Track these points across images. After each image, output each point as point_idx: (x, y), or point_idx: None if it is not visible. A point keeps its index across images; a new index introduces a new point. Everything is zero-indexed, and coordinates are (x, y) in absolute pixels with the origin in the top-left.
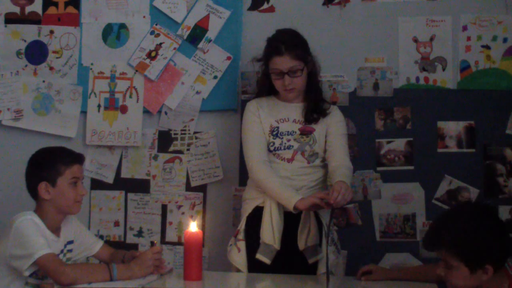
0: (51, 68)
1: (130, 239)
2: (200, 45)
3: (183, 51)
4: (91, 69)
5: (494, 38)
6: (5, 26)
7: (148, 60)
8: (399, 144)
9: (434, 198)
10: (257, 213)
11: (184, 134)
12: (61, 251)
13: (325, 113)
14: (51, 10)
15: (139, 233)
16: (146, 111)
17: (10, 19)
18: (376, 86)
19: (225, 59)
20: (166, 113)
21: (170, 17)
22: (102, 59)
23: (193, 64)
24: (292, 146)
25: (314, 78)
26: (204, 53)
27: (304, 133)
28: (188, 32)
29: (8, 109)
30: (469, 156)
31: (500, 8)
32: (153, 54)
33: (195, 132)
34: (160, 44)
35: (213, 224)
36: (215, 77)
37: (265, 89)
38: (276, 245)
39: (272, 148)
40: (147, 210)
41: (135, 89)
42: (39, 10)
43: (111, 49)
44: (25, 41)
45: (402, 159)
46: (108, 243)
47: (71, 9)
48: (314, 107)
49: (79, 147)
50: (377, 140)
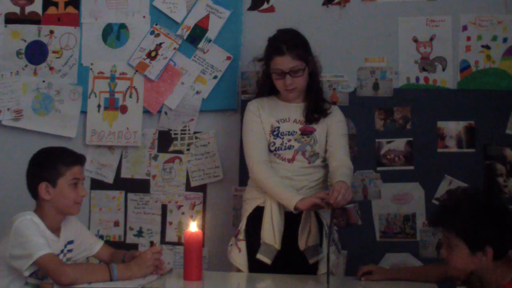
0: (51, 68)
1: (130, 239)
2: (200, 45)
3: (183, 51)
4: (91, 69)
5: (494, 38)
6: (5, 26)
7: (148, 60)
8: (399, 144)
9: (434, 198)
10: (258, 213)
11: (184, 134)
12: (61, 251)
13: (326, 113)
14: (51, 10)
15: (139, 233)
16: (146, 111)
17: (10, 19)
18: (376, 86)
19: (225, 59)
20: (166, 113)
21: (170, 17)
22: (102, 59)
23: (193, 64)
24: (293, 146)
25: (315, 78)
26: (204, 53)
27: (305, 133)
28: (188, 32)
29: (8, 109)
30: (469, 156)
31: (500, 8)
32: (153, 54)
33: (195, 132)
34: (160, 44)
35: (213, 224)
36: (215, 77)
37: (266, 89)
38: (277, 245)
39: (273, 148)
40: (147, 210)
41: (135, 89)
42: (39, 10)
43: (111, 49)
44: (25, 41)
45: (402, 159)
46: (108, 243)
47: (71, 9)
48: (315, 107)
49: (79, 147)
50: (377, 140)
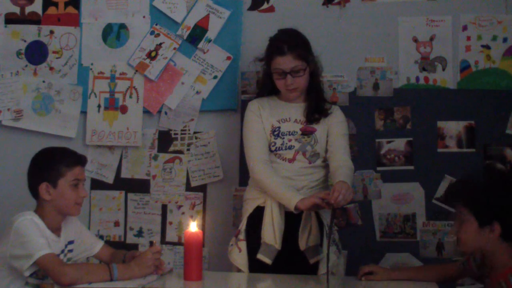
0: (51, 68)
1: (130, 239)
2: (200, 45)
3: (183, 51)
4: (91, 69)
5: (494, 38)
6: (5, 26)
7: (148, 60)
8: (399, 144)
9: (434, 198)
10: (258, 213)
11: (184, 134)
12: (62, 251)
13: (327, 113)
14: (51, 10)
15: (139, 233)
16: (146, 111)
17: (10, 19)
18: (376, 86)
19: (225, 59)
20: (166, 113)
21: (170, 17)
22: (102, 59)
23: (193, 64)
24: (294, 146)
25: (316, 78)
26: (204, 53)
27: (306, 133)
28: (188, 32)
29: (8, 109)
30: (469, 156)
31: (500, 8)
32: (153, 54)
33: (195, 132)
34: (160, 44)
35: (213, 224)
36: (215, 77)
37: (267, 89)
38: (277, 245)
39: (274, 148)
40: (147, 210)
41: (135, 89)
42: (39, 10)
43: (111, 49)
44: (25, 41)
45: (402, 159)
46: (108, 243)
47: (71, 9)
48: (316, 107)
49: (79, 147)
50: (377, 140)
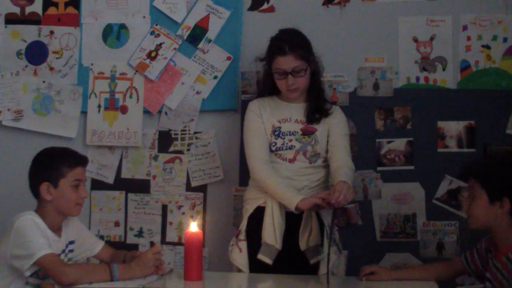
0: (51, 69)
1: (131, 239)
2: (200, 45)
3: (183, 51)
4: (91, 70)
5: (494, 38)
6: (5, 27)
7: (148, 60)
8: (399, 144)
9: (435, 198)
10: (259, 213)
11: (184, 134)
12: (63, 251)
13: (327, 113)
14: (51, 11)
15: (140, 233)
16: (146, 111)
17: (10, 20)
18: (376, 86)
19: (225, 59)
20: (166, 113)
21: (170, 17)
22: (102, 60)
23: (193, 64)
24: (294, 146)
25: (317, 78)
26: (204, 53)
27: (306, 133)
28: (188, 32)
29: (8, 110)
30: (469, 156)
31: (500, 8)
32: (153, 54)
33: (195, 132)
34: (160, 44)
35: (214, 224)
36: (215, 77)
37: (267, 89)
38: (278, 245)
39: (274, 148)
40: (148, 210)
41: (135, 89)
42: (39, 11)
43: (111, 50)
44: (25, 42)
45: (402, 159)
46: (109, 244)
47: (71, 10)
48: (316, 107)
49: (79, 148)
50: (377, 140)
